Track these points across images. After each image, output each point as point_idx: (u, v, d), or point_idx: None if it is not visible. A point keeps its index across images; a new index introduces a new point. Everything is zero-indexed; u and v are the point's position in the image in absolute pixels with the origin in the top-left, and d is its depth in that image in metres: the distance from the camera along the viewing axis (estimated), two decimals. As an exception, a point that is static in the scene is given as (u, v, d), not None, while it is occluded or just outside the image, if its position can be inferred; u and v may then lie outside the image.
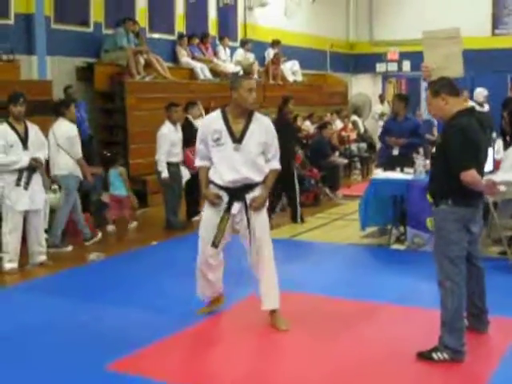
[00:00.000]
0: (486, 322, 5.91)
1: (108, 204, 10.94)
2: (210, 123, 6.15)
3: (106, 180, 10.98)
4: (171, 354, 5.75)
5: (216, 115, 6.15)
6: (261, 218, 6.14)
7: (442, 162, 5.44)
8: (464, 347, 5.31)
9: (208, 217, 6.22)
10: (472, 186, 5.26)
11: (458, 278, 5.34)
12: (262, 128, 6.07)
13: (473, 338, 5.70)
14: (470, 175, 5.21)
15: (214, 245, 6.12)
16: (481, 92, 14.99)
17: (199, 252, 6.28)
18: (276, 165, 6.18)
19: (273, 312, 6.26)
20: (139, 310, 6.75)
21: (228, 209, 6.07)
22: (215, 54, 16.52)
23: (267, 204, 6.23)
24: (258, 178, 6.06)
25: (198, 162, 6.29)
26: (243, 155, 5.96)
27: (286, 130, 10.99)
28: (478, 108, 9.52)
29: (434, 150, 6.12)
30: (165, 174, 10.43)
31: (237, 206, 6.06)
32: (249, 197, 6.05)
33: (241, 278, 7.07)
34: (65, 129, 9.41)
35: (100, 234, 10.09)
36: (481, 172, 5.38)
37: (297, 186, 11.12)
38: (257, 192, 6.07)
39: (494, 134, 11.18)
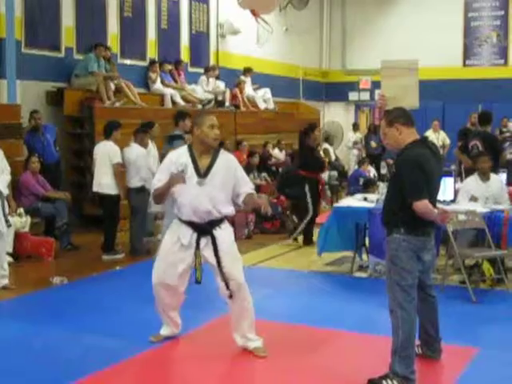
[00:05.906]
0: (439, 350, 5.96)
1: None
2: (177, 156, 6.12)
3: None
4: (127, 378, 5.76)
5: (182, 150, 6.16)
6: (231, 251, 6.12)
7: (394, 191, 5.52)
8: (414, 375, 5.34)
9: (166, 249, 6.18)
10: (424, 215, 5.33)
11: (409, 306, 5.39)
12: (230, 164, 6.09)
13: (425, 365, 5.78)
14: (422, 205, 5.29)
15: (198, 282, 6.09)
16: None
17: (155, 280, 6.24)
18: (250, 188, 6.17)
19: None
20: (96, 333, 6.73)
21: (197, 245, 6.03)
22: (188, 81, 16.56)
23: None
24: (219, 214, 6.03)
25: (155, 186, 6.14)
26: (206, 190, 5.93)
27: (308, 154, 11.64)
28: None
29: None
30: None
31: (204, 241, 6.03)
32: (217, 233, 6.02)
33: (202, 303, 7.13)
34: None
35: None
36: (433, 201, 5.46)
37: (310, 210, 11.44)
38: (223, 230, 6.06)
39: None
